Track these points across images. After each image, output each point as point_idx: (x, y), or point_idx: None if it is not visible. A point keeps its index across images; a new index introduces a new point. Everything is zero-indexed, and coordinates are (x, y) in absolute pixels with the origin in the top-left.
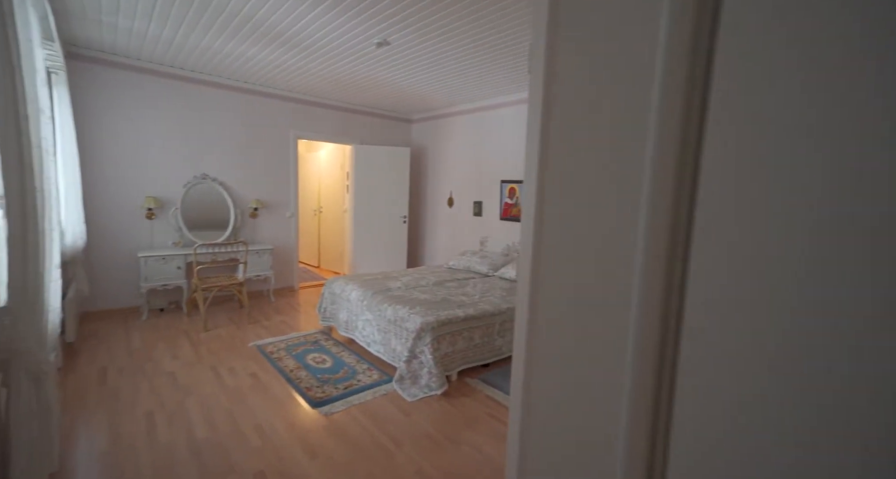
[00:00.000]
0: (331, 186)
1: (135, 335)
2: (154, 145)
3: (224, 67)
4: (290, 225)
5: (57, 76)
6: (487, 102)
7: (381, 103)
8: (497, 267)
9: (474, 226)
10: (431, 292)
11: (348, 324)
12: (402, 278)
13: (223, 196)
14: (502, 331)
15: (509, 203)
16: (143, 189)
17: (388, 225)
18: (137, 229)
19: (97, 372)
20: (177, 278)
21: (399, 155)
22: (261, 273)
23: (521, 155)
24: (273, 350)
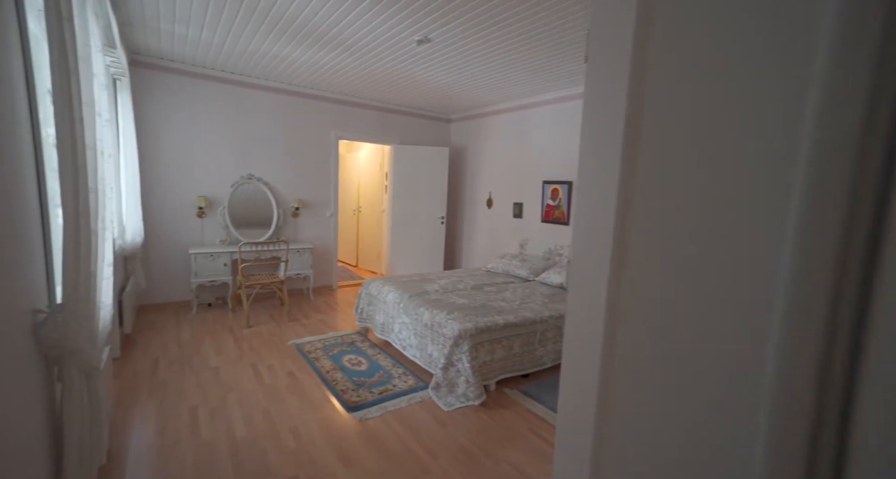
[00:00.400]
0: (370, 186)
1: (185, 329)
2: (205, 147)
3: (269, 70)
4: (329, 225)
5: (121, 82)
6: (527, 100)
7: (420, 103)
8: (538, 272)
9: (514, 228)
10: (469, 297)
11: (384, 326)
12: (439, 281)
13: (267, 196)
14: (544, 340)
15: (551, 205)
16: (195, 189)
17: (426, 226)
18: (189, 227)
19: (150, 363)
20: (223, 274)
21: (437, 155)
22: (301, 272)
23: (563, 155)
24: (310, 350)
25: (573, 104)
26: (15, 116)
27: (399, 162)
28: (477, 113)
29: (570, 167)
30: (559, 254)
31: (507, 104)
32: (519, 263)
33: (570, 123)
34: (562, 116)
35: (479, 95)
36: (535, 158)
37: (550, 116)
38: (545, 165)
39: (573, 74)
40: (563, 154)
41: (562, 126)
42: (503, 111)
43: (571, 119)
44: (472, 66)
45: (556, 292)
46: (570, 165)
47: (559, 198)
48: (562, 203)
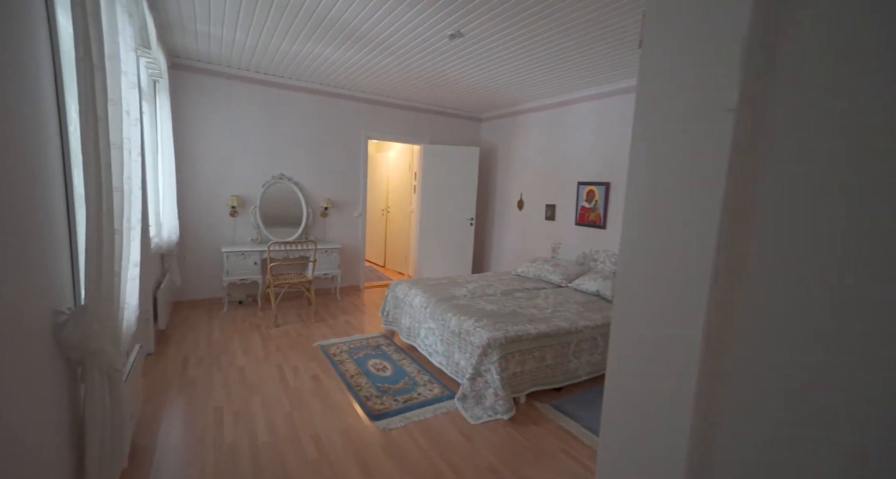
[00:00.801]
0: (398, 187)
1: (216, 326)
2: (239, 147)
3: (301, 70)
4: (357, 225)
5: (159, 84)
6: (563, 98)
7: (451, 101)
8: (571, 277)
9: (546, 231)
10: (499, 303)
11: (410, 331)
12: (467, 285)
13: (297, 195)
14: (578, 352)
15: (586, 207)
16: (229, 188)
17: (455, 227)
18: (222, 226)
19: (181, 361)
20: (253, 273)
21: (467, 155)
22: (329, 272)
23: (601, 154)
24: (336, 352)
25: (615, 101)
26: (42, 112)
27: (428, 162)
28: (509, 111)
29: (608, 167)
30: (594, 259)
31: (540, 102)
32: (551, 267)
33: (610, 121)
34: (601, 114)
35: (512, 93)
36: (570, 158)
37: (588, 114)
38: (580, 165)
39: (615, 67)
40: (600, 154)
41: (601, 124)
42: (537, 109)
43: (612, 116)
44: (505, 62)
45: (591, 299)
46: (609, 166)
47: (595, 200)
48: (598, 206)
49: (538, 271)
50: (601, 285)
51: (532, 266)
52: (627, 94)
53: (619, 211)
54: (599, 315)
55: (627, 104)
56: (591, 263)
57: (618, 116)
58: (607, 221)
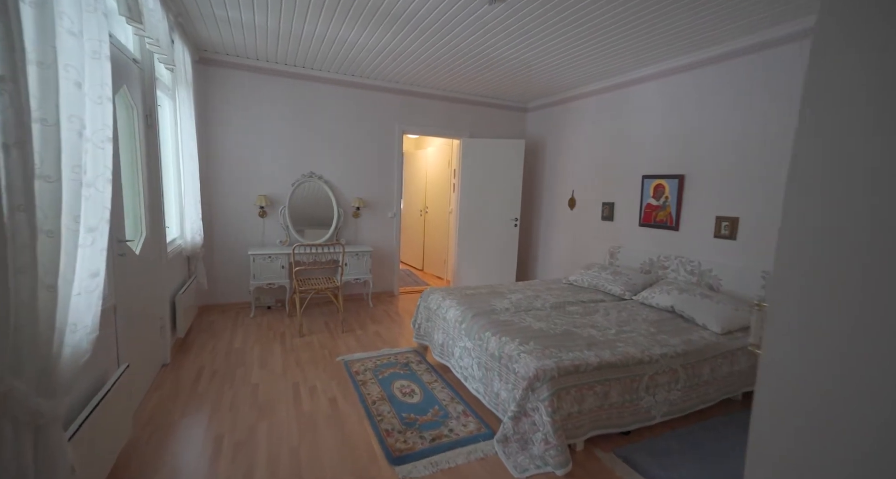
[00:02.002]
0: (437, 185)
1: (239, 333)
2: (267, 144)
3: (329, 60)
4: (391, 226)
5: (177, 76)
6: (623, 78)
7: (492, 89)
8: (636, 289)
9: (602, 233)
10: (549, 319)
11: (444, 348)
12: (511, 296)
13: (328, 195)
14: (653, 387)
15: (653, 205)
16: (257, 188)
17: (497, 228)
18: (251, 227)
19: (195, 373)
20: (281, 277)
21: (512, 149)
22: (360, 277)
23: (673, 142)
24: (359, 370)
25: (690, 77)
26: None
27: (468, 157)
28: (559, 98)
29: (682, 157)
30: (663, 266)
31: (595, 85)
32: (610, 276)
33: (683, 101)
34: (672, 94)
35: (563, 75)
36: (632, 149)
37: (654, 96)
38: (645, 156)
39: (698, 32)
40: (671, 141)
41: (672, 106)
42: (591, 94)
43: (686, 95)
44: (555, 34)
45: (664, 317)
46: (683, 155)
47: (665, 196)
48: (668, 203)
49: (595, 279)
50: (677, 299)
51: (587, 274)
52: (709, 66)
53: (696, 209)
54: (679, 339)
55: (706, 79)
56: (659, 271)
57: (693, 94)
58: (680, 221)
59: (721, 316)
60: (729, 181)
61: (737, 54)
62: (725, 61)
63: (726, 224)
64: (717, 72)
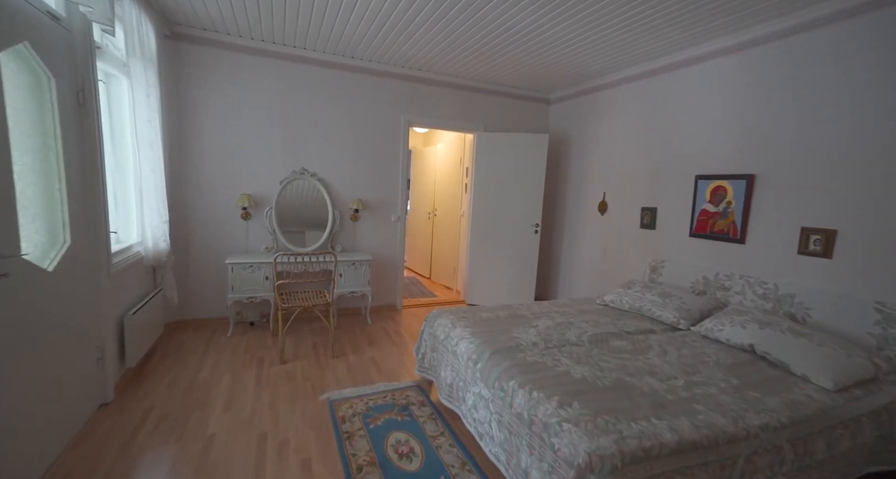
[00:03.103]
0: (447, 185)
1: (209, 358)
2: (252, 136)
3: (324, 38)
4: (395, 231)
5: (128, 46)
6: (670, 59)
7: (512, 76)
8: (693, 316)
9: (641, 243)
10: (591, 361)
11: (453, 390)
12: (537, 322)
13: (322, 195)
14: (750, 472)
15: (711, 211)
16: (239, 186)
17: (515, 235)
18: (232, 231)
19: (137, 420)
20: (265, 289)
21: (533, 144)
22: (356, 289)
23: (741, 134)
24: (347, 415)
25: (767, 51)
26: None
27: (483, 153)
28: (589, 87)
29: (753, 153)
30: (723, 287)
31: (635, 69)
32: (658, 298)
33: (757, 82)
34: (741, 74)
35: (594, 58)
36: (683, 144)
37: (714, 78)
38: (700, 152)
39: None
40: (738, 134)
41: (739, 89)
42: (629, 80)
43: (761, 75)
44: (590, 6)
45: (741, 360)
46: (754, 150)
47: (727, 201)
48: (731, 209)
49: (638, 301)
50: (757, 335)
51: (627, 294)
52: (798, 34)
53: (772, 217)
54: (777, 399)
55: (792, 53)
56: (716, 292)
57: (771, 73)
58: (748, 232)
59: (831, 365)
60: (822, 184)
61: (836, 18)
62: (818, 29)
63: (818, 238)
64: (809, 42)
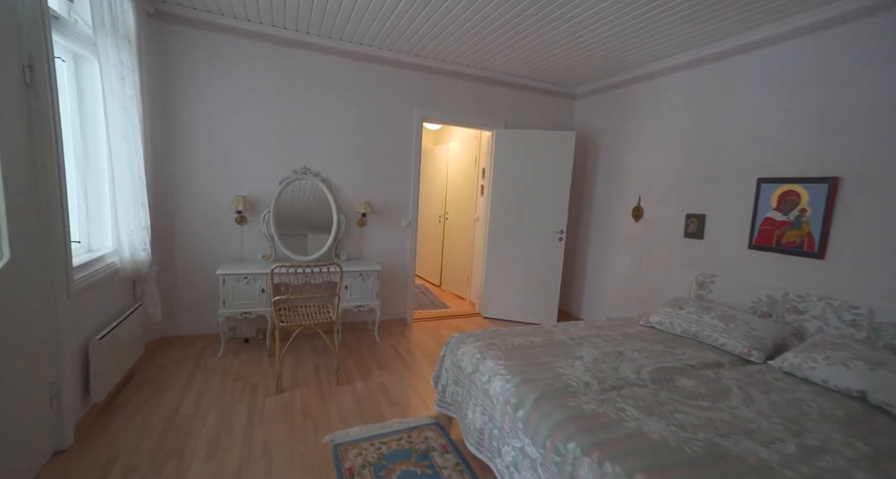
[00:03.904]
0: (460, 187)
1: (194, 386)
2: (248, 131)
3: (330, 20)
4: (406, 238)
5: (94, 19)
6: (724, 46)
7: (537, 68)
8: (766, 346)
9: (685, 255)
10: (663, 410)
11: (484, 437)
12: (580, 350)
13: (325, 197)
14: None
15: (778, 220)
16: (233, 187)
17: (537, 242)
18: (225, 238)
19: (98, 471)
20: (261, 303)
21: (559, 142)
22: (363, 303)
23: (820, 128)
24: (355, 465)
25: (858, 29)
26: None
27: (503, 152)
28: (623, 79)
29: (837, 151)
30: (796, 310)
31: (679, 58)
32: (720, 322)
33: (842, 68)
34: (822, 59)
35: (632, 45)
36: (739, 142)
37: (785, 64)
38: (763, 151)
39: None
40: (816, 129)
41: (818, 76)
42: (672, 70)
43: (849, 58)
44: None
45: (853, 411)
46: (838, 147)
47: (800, 208)
48: (807, 218)
49: (693, 324)
50: (869, 377)
51: (679, 315)
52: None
53: (862, 228)
54: None
55: (886, 30)
56: (786, 316)
57: (869, 54)
58: (828, 246)
59: None
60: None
61: None
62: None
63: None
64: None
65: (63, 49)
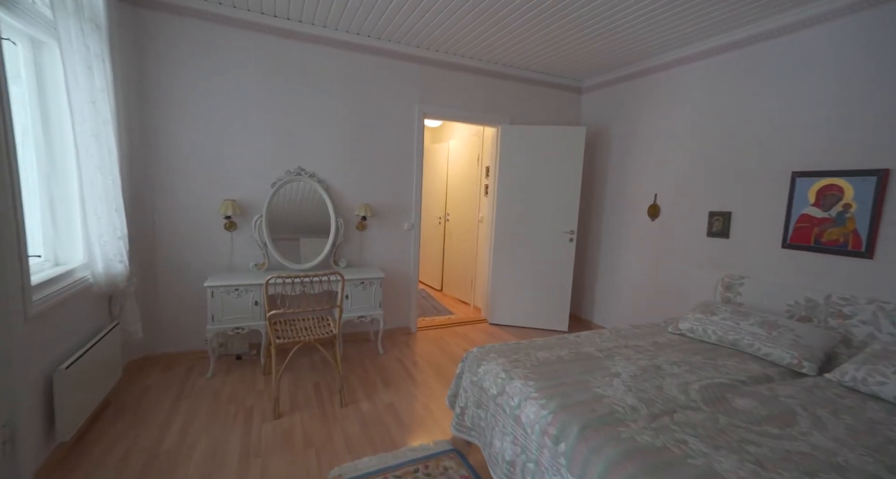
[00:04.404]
0: (462, 187)
1: (180, 413)
2: (236, 129)
3: (325, 7)
4: (408, 242)
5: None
6: (749, 31)
7: (544, 59)
8: (818, 357)
9: (708, 255)
10: (730, 441)
11: (515, 471)
12: (613, 365)
13: (322, 199)
14: None
15: (817, 217)
16: (222, 190)
17: (547, 244)
18: (213, 246)
19: None
20: (254, 317)
21: (568, 138)
22: (365, 314)
23: (862, 117)
24: None
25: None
26: None
27: (509, 150)
28: (634, 70)
29: (885, 142)
30: (840, 314)
31: (698, 46)
32: (761, 329)
33: (887, 52)
34: (865, 41)
35: (646, 32)
36: (770, 134)
37: (822, 50)
38: (798, 143)
39: None
40: (856, 117)
41: (860, 59)
42: (690, 59)
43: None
44: None
45: None
46: (886, 138)
47: (844, 204)
48: (852, 213)
49: (730, 332)
50: None
51: (713, 322)
52: None
53: None
54: None
55: None
56: (828, 319)
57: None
58: (877, 245)
59: None
60: None
61: None
62: None
63: None
64: None
65: (17, 32)
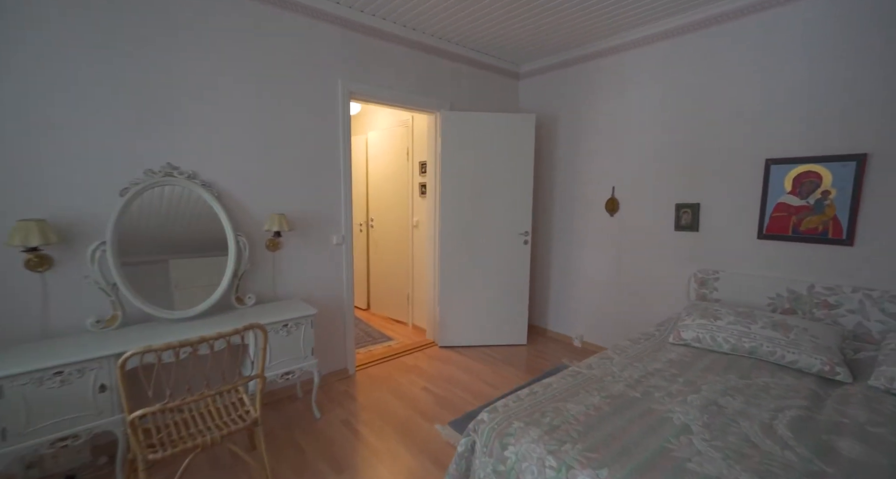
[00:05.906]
0: (388, 187)
1: None
2: (57, 103)
3: None
4: (339, 259)
5: None
6: (714, 9)
7: (481, 33)
8: (836, 357)
9: (676, 250)
10: None
11: None
12: (665, 407)
13: (211, 210)
14: None
15: (795, 206)
16: (15, 205)
17: (500, 248)
18: (7, 298)
19: None
20: (99, 414)
21: (517, 128)
22: (292, 369)
23: (842, 99)
24: None
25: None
26: None
27: (452, 141)
28: (581, 54)
29: (865, 126)
30: (826, 304)
31: (655, 27)
32: (777, 333)
33: (867, 31)
34: (842, 20)
35: (596, 11)
36: (740, 119)
37: (794, 28)
38: (771, 129)
39: None
40: (833, 100)
41: (837, 39)
42: (645, 42)
43: (875, 19)
44: None
45: None
46: (865, 123)
47: (822, 190)
48: (831, 200)
49: (743, 338)
50: None
51: (719, 327)
52: None
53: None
54: None
55: None
56: (813, 311)
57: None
58: (857, 231)
59: None
60: None
61: None
62: None
63: None
64: None
65: None
